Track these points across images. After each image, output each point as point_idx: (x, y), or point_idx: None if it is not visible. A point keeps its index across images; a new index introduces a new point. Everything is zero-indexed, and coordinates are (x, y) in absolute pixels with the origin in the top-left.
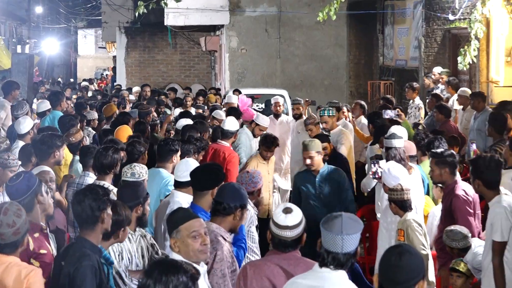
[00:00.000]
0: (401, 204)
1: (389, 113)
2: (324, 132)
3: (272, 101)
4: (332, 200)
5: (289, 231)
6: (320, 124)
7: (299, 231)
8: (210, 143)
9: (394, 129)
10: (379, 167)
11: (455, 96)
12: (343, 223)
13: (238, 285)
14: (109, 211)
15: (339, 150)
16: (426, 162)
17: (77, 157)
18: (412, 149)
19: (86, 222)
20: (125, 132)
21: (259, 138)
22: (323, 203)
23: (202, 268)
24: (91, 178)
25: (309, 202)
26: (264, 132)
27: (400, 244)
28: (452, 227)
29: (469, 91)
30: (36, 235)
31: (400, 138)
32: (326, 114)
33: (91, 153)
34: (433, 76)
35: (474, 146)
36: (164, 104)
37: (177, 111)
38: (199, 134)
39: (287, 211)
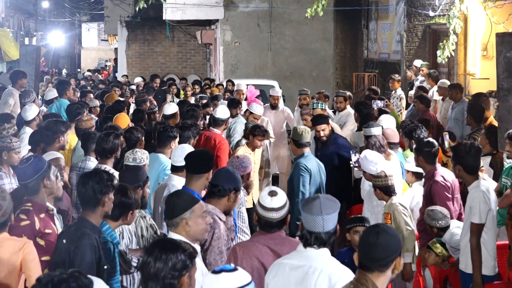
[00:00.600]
0: (385, 190)
1: (378, 103)
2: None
3: (271, 93)
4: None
5: (274, 213)
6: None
7: (284, 213)
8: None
9: (383, 118)
10: (360, 156)
11: (435, 88)
12: (322, 204)
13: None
14: (111, 195)
15: (342, 130)
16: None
17: None
18: (395, 136)
19: (88, 203)
20: (123, 119)
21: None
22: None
23: (198, 247)
24: (92, 162)
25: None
26: (258, 120)
27: (378, 224)
28: (433, 207)
29: (448, 83)
30: (42, 215)
31: (378, 126)
32: (319, 107)
33: (92, 138)
34: (414, 68)
35: (447, 137)
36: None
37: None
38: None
39: (272, 194)
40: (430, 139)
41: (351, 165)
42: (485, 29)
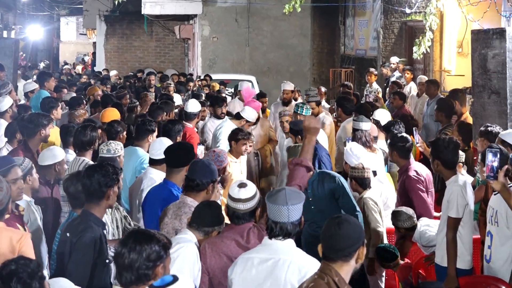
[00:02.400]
0: (361, 182)
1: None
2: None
3: (282, 87)
4: (330, 213)
5: (241, 204)
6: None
7: (252, 205)
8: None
9: (378, 112)
10: None
11: (411, 83)
12: (287, 195)
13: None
14: (116, 189)
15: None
16: None
17: None
18: (374, 130)
19: (93, 196)
20: (111, 114)
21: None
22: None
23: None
24: (71, 155)
25: (307, 218)
26: (252, 127)
27: (340, 215)
28: (398, 209)
29: (426, 78)
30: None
31: (368, 121)
32: (304, 113)
33: (70, 131)
34: (392, 65)
35: (417, 132)
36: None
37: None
38: (165, 114)
39: (241, 185)
40: (404, 134)
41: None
42: (461, 26)
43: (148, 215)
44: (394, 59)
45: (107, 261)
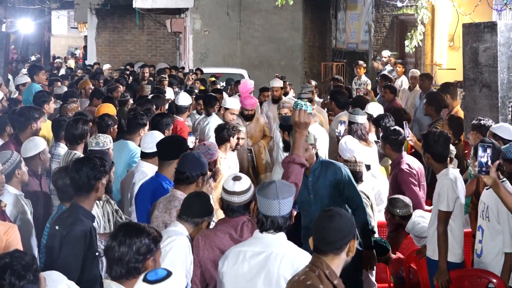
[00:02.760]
0: (353, 175)
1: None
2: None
3: (271, 84)
4: (330, 204)
5: (236, 197)
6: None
7: (246, 198)
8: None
9: (371, 105)
10: (346, 127)
11: (403, 77)
12: (278, 189)
13: (194, 253)
14: (104, 181)
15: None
16: None
17: None
18: (366, 124)
19: (81, 189)
20: (106, 109)
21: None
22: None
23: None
24: (62, 148)
25: (305, 209)
26: (235, 115)
27: (331, 208)
28: (395, 196)
29: (419, 72)
30: None
31: (364, 114)
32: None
33: (61, 125)
34: (384, 59)
35: (407, 125)
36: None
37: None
38: (154, 107)
39: (236, 178)
40: (397, 127)
41: (336, 134)
42: (452, 20)
43: (140, 209)
44: (386, 53)
45: (96, 254)
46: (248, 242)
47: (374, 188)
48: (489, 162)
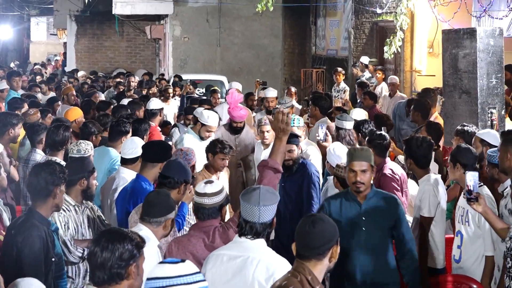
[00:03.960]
0: (343, 181)
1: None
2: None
3: (266, 95)
4: (380, 244)
5: (207, 198)
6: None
7: (217, 200)
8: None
9: (355, 111)
10: (327, 131)
11: (383, 84)
12: (261, 195)
13: None
14: (63, 188)
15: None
16: None
17: None
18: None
19: (39, 194)
20: (74, 113)
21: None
22: (371, 246)
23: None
24: (38, 154)
25: (355, 248)
26: (213, 132)
27: (314, 213)
28: None
29: (398, 79)
30: None
31: (351, 120)
32: (294, 124)
33: (37, 131)
34: (363, 65)
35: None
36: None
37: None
38: (128, 110)
39: (208, 182)
40: (382, 132)
41: (317, 139)
42: (431, 26)
43: (119, 211)
44: (364, 59)
45: (53, 259)
46: (227, 246)
47: None
48: (476, 188)
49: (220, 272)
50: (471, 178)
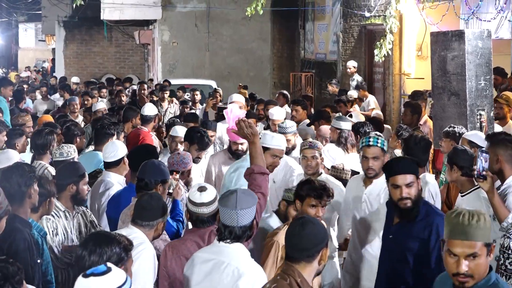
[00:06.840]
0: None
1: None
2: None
3: (271, 117)
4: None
5: (205, 208)
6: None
7: (215, 208)
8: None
9: (354, 114)
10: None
11: (371, 97)
12: (238, 199)
13: (161, 265)
14: (36, 186)
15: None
16: None
17: None
18: (328, 132)
19: (14, 198)
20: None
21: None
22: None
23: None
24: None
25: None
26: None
27: (303, 216)
28: None
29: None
30: None
31: (348, 121)
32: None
33: (15, 134)
34: (348, 70)
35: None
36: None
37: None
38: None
39: (201, 189)
40: (380, 134)
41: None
42: (420, 29)
43: (112, 223)
44: (351, 63)
45: (38, 261)
46: (204, 249)
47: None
48: (486, 168)
49: (193, 273)
50: (482, 158)
